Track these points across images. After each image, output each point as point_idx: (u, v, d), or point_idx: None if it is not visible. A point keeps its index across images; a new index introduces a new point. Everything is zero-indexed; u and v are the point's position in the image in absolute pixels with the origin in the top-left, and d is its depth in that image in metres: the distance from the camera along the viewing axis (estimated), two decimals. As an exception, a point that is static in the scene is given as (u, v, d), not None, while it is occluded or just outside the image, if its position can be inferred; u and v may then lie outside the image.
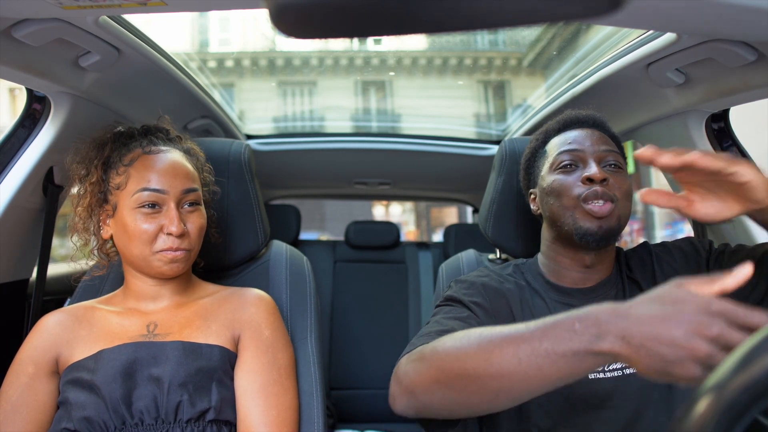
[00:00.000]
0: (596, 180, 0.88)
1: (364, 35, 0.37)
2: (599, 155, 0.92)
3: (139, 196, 0.89)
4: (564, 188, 0.92)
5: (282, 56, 2.29)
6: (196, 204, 0.95)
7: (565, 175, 0.93)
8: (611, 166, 0.92)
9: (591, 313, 0.59)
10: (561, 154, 0.95)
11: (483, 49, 2.41)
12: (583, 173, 0.90)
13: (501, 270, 1.03)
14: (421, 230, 13.79)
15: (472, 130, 2.34)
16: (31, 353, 0.89)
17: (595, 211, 0.87)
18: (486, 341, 0.64)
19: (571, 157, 0.94)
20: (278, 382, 0.92)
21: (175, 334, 0.92)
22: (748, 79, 0.97)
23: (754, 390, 0.35)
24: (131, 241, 0.90)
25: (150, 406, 0.83)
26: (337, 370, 2.37)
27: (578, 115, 0.99)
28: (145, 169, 0.91)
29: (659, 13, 0.76)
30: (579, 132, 0.97)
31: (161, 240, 0.90)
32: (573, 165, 0.93)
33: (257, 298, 0.99)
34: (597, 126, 0.98)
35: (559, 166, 0.94)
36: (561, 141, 0.97)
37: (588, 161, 0.92)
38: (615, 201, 0.88)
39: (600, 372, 0.86)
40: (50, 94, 1.09)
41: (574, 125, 0.99)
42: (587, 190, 0.89)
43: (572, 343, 0.57)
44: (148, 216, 0.89)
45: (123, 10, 0.80)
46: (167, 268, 0.91)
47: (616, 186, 0.89)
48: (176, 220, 0.89)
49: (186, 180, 0.93)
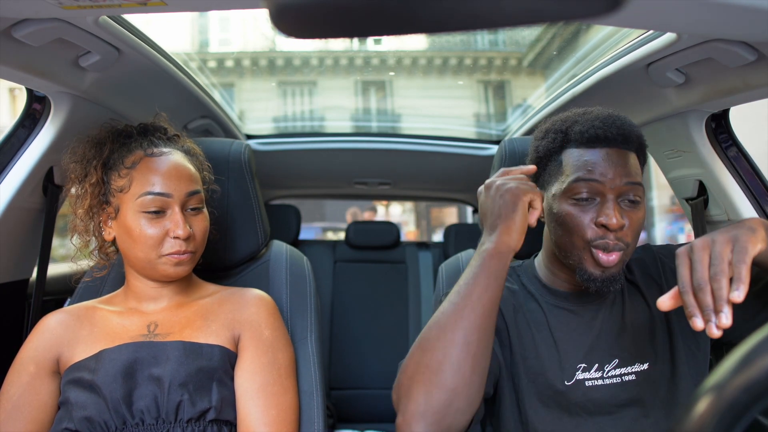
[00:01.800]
0: (611, 229, 0.82)
1: (364, 35, 0.37)
2: (621, 189, 0.83)
3: (144, 200, 0.89)
4: (575, 226, 0.84)
5: (282, 56, 2.29)
6: (199, 207, 0.95)
7: (579, 211, 0.84)
8: (630, 202, 0.84)
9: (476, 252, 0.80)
10: (578, 182, 0.84)
11: (483, 49, 2.41)
12: (598, 213, 0.83)
13: None
14: (421, 230, 13.79)
15: (472, 130, 2.34)
16: (32, 353, 0.89)
17: (602, 260, 0.83)
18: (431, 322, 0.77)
19: (588, 189, 0.84)
20: (278, 382, 0.92)
21: (176, 334, 0.92)
22: (748, 79, 0.97)
23: (754, 390, 0.35)
24: (136, 245, 0.90)
25: (151, 405, 0.83)
26: (337, 370, 2.37)
27: (606, 132, 0.85)
28: (149, 171, 0.90)
29: (659, 13, 0.76)
30: (602, 155, 0.84)
31: (168, 243, 0.90)
32: (590, 198, 0.84)
33: (257, 299, 0.99)
34: (626, 143, 0.86)
35: (573, 195, 0.85)
36: (579, 161, 0.85)
37: (606, 197, 0.83)
38: (626, 249, 0.83)
39: (598, 379, 0.86)
40: (50, 94, 1.09)
41: (600, 143, 0.85)
42: (599, 238, 0.83)
43: (473, 264, 0.77)
44: (152, 220, 0.89)
45: (123, 10, 0.80)
46: (173, 270, 0.91)
47: (631, 230, 0.83)
48: (182, 223, 0.89)
49: (189, 182, 0.93)
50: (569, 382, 0.86)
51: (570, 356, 0.87)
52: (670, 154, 1.33)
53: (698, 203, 1.28)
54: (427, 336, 0.75)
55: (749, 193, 1.19)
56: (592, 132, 0.85)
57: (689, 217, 1.33)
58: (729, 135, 1.24)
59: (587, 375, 0.86)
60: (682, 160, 1.29)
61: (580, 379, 0.86)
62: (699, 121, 1.21)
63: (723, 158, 1.22)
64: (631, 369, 0.86)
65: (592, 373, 0.86)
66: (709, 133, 1.23)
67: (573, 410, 0.85)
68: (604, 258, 0.82)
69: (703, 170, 1.24)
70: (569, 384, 0.86)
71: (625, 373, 0.86)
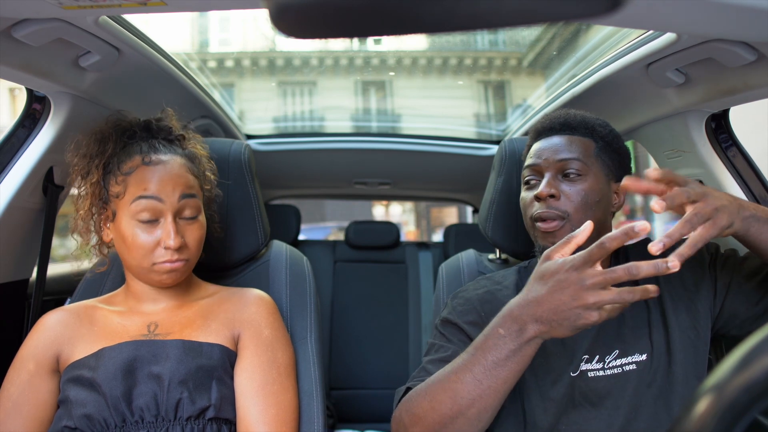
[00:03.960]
0: (542, 198, 0.90)
1: (364, 35, 0.37)
2: (556, 166, 0.92)
3: (136, 204, 0.88)
4: (524, 207, 0.96)
5: (282, 56, 2.29)
6: (194, 216, 0.93)
7: (526, 192, 0.96)
8: (568, 176, 0.91)
9: (506, 314, 0.72)
10: (525, 169, 0.97)
11: (483, 49, 2.40)
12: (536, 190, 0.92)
13: (502, 275, 1.03)
14: (421, 230, 13.80)
15: (472, 130, 2.34)
16: (32, 351, 0.90)
17: (541, 228, 0.91)
18: (446, 383, 0.74)
19: (530, 173, 0.96)
20: (278, 381, 0.92)
21: (176, 334, 0.92)
22: (748, 79, 0.97)
23: (754, 390, 0.35)
24: (129, 251, 0.90)
25: (150, 403, 0.84)
26: (337, 370, 2.37)
27: (545, 122, 0.99)
28: (143, 179, 0.90)
29: (659, 13, 0.76)
30: (545, 142, 0.96)
31: (159, 252, 0.89)
32: (533, 180, 0.95)
33: (257, 298, 1.00)
34: (565, 129, 0.96)
35: (525, 182, 0.97)
36: (529, 153, 0.98)
37: (543, 176, 0.93)
38: (565, 217, 0.89)
39: (599, 370, 0.86)
40: (50, 94, 1.09)
41: (544, 134, 0.98)
42: (536, 209, 0.91)
43: (506, 345, 0.70)
44: (145, 229, 0.89)
45: (123, 10, 0.80)
46: (165, 277, 0.91)
47: (568, 200, 0.90)
48: (173, 233, 0.88)
49: (184, 190, 0.92)
50: (575, 373, 0.87)
51: (576, 348, 0.89)
52: (670, 154, 1.33)
53: (698, 203, 1.28)
54: (440, 398, 0.75)
55: (749, 193, 1.19)
56: (538, 126, 1.00)
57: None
58: (729, 135, 1.24)
59: (590, 366, 0.87)
60: (682, 160, 1.29)
61: (583, 370, 0.87)
62: (699, 121, 1.21)
63: (723, 158, 1.22)
64: (631, 359, 0.87)
65: (594, 364, 0.87)
66: (709, 133, 1.22)
67: (576, 401, 0.86)
68: (542, 226, 0.90)
69: (703, 170, 1.24)
70: (574, 375, 0.87)
71: (625, 363, 0.87)
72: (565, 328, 0.67)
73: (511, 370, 0.71)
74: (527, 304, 0.71)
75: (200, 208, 0.96)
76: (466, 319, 0.92)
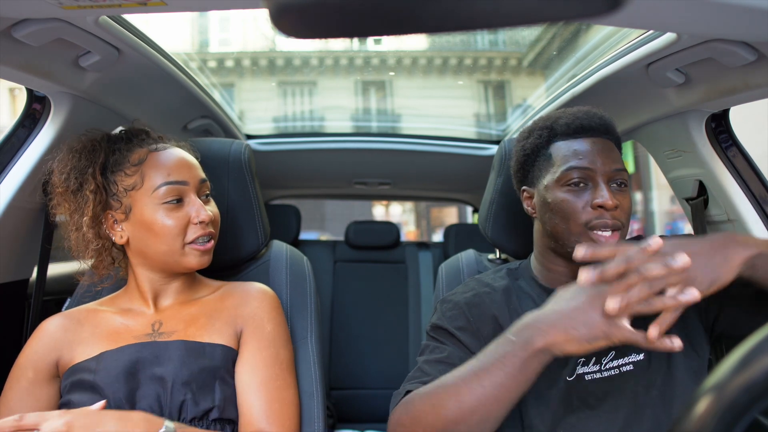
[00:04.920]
0: (608, 209, 0.85)
1: (364, 35, 0.37)
2: (610, 175, 0.88)
3: (161, 191, 0.89)
4: (572, 212, 0.87)
5: (282, 56, 2.29)
6: (210, 194, 0.98)
7: (573, 196, 0.88)
8: (619, 185, 0.89)
9: (519, 324, 0.72)
10: (570, 170, 0.88)
11: (483, 49, 2.41)
12: (593, 197, 0.86)
13: (492, 276, 1.01)
14: (421, 230, 13.79)
15: (472, 130, 2.34)
16: (30, 358, 0.89)
17: (601, 240, 0.85)
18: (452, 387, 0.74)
19: (580, 176, 0.88)
20: (280, 377, 0.92)
21: (180, 333, 0.92)
22: (748, 79, 0.97)
23: (754, 390, 0.35)
24: (158, 238, 0.90)
25: (154, 405, 0.84)
26: (337, 370, 2.37)
27: (590, 122, 0.92)
28: (160, 164, 0.91)
29: (659, 13, 0.76)
30: (589, 143, 0.90)
31: (191, 231, 0.91)
32: (582, 184, 0.88)
33: (260, 292, 1.00)
34: (607, 133, 0.93)
35: (567, 183, 0.88)
36: (569, 151, 0.90)
37: (598, 182, 0.87)
38: (622, 228, 0.87)
39: (596, 372, 0.86)
40: (50, 94, 1.09)
41: (584, 133, 0.91)
42: (596, 218, 0.86)
43: (515, 354, 0.69)
44: (172, 211, 0.90)
45: (123, 10, 0.80)
46: (197, 261, 0.92)
47: (623, 210, 0.87)
48: (202, 208, 0.91)
49: (199, 170, 0.97)
50: (571, 377, 0.86)
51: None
52: (670, 154, 1.33)
53: (698, 203, 1.28)
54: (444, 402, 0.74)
55: (749, 193, 1.19)
56: (578, 123, 0.92)
57: (689, 218, 1.33)
58: (729, 135, 1.24)
59: (586, 369, 0.86)
60: (682, 160, 1.29)
61: (580, 374, 0.86)
62: (699, 121, 1.21)
63: (723, 158, 1.22)
64: (628, 360, 0.86)
65: (590, 366, 0.86)
66: (709, 133, 1.22)
67: (574, 405, 0.85)
68: (603, 238, 0.86)
69: (703, 170, 1.24)
70: (571, 380, 0.86)
71: (622, 364, 0.86)
72: (578, 342, 0.67)
73: (517, 381, 0.70)
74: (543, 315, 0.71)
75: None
76: (455, 324, 0.91)
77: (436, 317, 0.95)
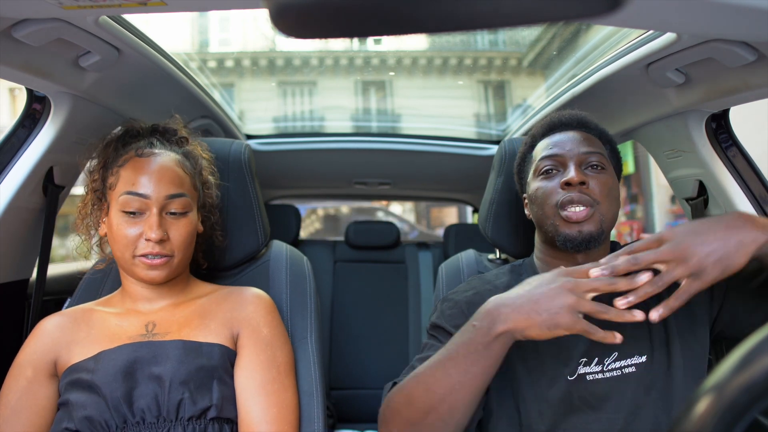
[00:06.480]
0: (573, 184, 0.88)
1: (364, 35, 0.37)
2: (580, 157, 0.91)
3: (124, 199, 0.90)
4: (545, 195, 0.92)
5: (282, 56, 2.29)
6: (181, 212, 0.94)
7: (546, 182, 0.93)
8: (593, 168, 0.91)
9: (481, 310, 0.75)
10: (542, 159, 0.94)
11: (483, 49, 2.41)
12: (561, 178, 0.90)
13: (495, 274, 1.02)
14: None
15: (472, 130, 2.34)
16: (29, 357, 0.90)
17: (571, 217, 0.88)
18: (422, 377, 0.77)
19: (551, 162, 0.93)
20: (278, 380, 0.92)
21: (174, 333, 0.92)
22: (748, 79, 0.97)
23: (754, 390, 0.35)
24: (115, 243, 0.91)
25: (151, 404, 0.84)
26: (337, 370, 2.37)
27: (561, 117, 0.98)
28: (133, 171, 0.92)
29: (659, 13, 0.76)
30: (562, 135, 0.96)
31: (141, 244, 0.90)
32: (554, 170, 0.93)
33: (255, 297, 1.00)
34: (581, 126, 0.97)
35: (541, 172, 0.94)
36: (544, 146, 0.97)
37: (568, 165, 0.91)
38: (595, 205, 0.88)
39: (598, 372, 0.86)
40: (50, 94, 1.09)
41: (558, 128, 0.98)
42: (564, 196, 0.89)
43: (478, 339, 0.73)
44: (130, 221, 0.90)
45: (123, 10, 0.80)
46: (146, 274, 0.91)
47: (597, 188, 0.89)
48: (155, 226, 0.89)
49: (172, 186, 0.92)
50: (572, 377, 0.86)
51: (572, 351, 0.88)
52: (670, 154, 1.33)
53: (698, 203, 1.28)
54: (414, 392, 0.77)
55: (749, 193, 1.19)
56: (551, 120, 0.99)
57: (689, 217, 1.33)
58: (729, 135, 1.24)
59: (588, 369, 0.86)
60: (682, 160, 1.29)
61: (582, 374, 0.86)
62: (699, 121, 1.21)
63: (723, 158, 1.22)
64: (630, 361, 0.86)
65: (593, 366, 0.86)
66: (709, 133, 1.22)
67: (575, 405, 0.85)
68: (572, 214, 0.87)
69: (703, 170, 1.24)
70: (572, 379, 0.86)
71: (624, 366, 0.86)
72: (539, 327, 0.70)
73: (481, 366, 0.73)
74: (507, 299, 0.74)
75: (190, 206, 0.96)
76: (453, 323, 0.91)
77: (435, 316, 0.96)
